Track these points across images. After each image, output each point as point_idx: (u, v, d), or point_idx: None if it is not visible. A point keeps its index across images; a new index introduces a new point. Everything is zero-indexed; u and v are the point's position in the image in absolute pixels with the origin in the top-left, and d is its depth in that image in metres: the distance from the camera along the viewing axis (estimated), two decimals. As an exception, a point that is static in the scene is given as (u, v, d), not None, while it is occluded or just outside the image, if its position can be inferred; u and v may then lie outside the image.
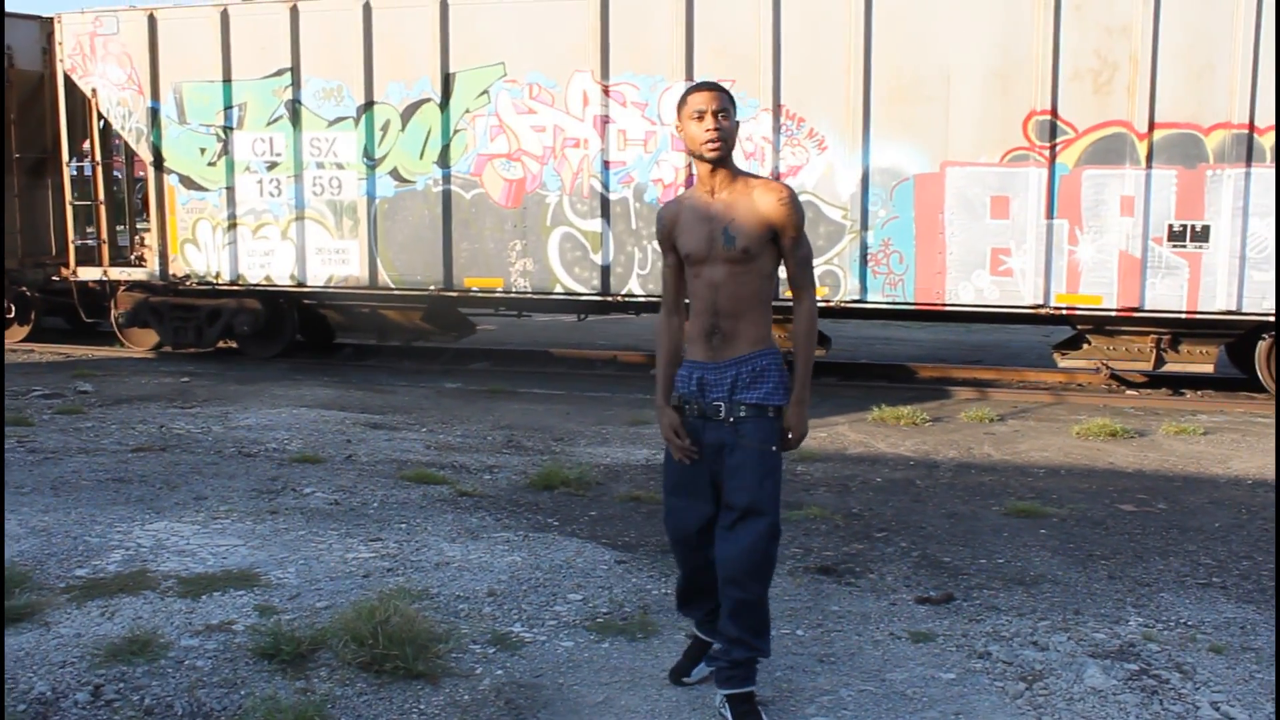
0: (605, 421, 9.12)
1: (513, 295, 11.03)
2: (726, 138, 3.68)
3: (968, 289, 10.24)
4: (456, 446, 8.08)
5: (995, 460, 8.09)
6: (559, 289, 10.82)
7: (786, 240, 3.74)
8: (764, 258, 3.73)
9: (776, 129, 10.27)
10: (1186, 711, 3.90)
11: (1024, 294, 10.20)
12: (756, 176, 3.82)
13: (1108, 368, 10.96)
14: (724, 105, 3.68)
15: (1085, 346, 10.79)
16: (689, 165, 10.37)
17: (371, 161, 11.03)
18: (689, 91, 3.77)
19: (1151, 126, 9.80)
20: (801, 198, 10.18)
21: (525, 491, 6.77)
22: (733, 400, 3.74)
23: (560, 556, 5.44)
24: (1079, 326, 10.75)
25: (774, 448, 3.77)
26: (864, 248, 10.35)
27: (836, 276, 10.43)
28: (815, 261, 10.36)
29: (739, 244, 3.68)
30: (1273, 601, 5.09)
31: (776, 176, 10.32)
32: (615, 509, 6.43)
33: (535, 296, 10.99)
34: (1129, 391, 11.03)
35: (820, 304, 10.50)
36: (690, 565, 3.97)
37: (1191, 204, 9.82)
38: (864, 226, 10.31)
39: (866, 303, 10.49)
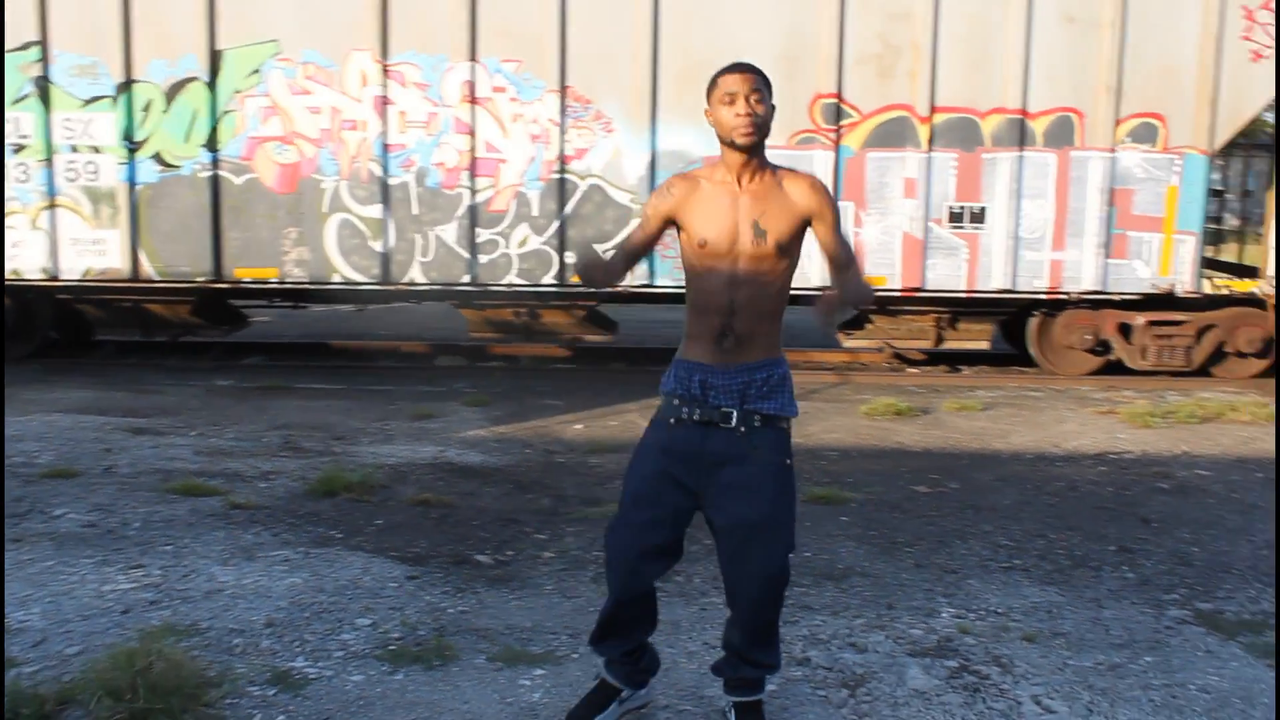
0: (388, 417, 8.67)
1: (288, 285, 10.40)
2: (761, 123, 3.33)
3: (756, 272, 10.17)
4: (229, 451, 7.50)
5: (789, 445, 8.01)
6: (337, 278, 10.26)
7: (826, 227, 3.43)
8: (791, 257, 3.43)
9: (563, 111, 9.97)
10: (1010, 709, 3.82)
11: (810, 275, 10.18)
12: (784, 168, 3.49)
13: (891, 347, 11.13)
14: (758, 88, 3.34)
15: (869, 326, 10.91)
16: (472, 149, 9.98)
17: (132, 145, 10.19)
18: (720, 74, 3.41)
19: (932, 110, 9.95)
20: (589, 182, 10.16)
21: (305, 500, 6.28)
22: (745, 409, 3.41)
23: (346, 575, 5.02)
24: (861, 307, 10.86)
25: (788, 461, 3.48)
26: (652, 231, 10.15)
27: (625, 261, 10.20)
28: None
29: (770, 239, 3.37)
30: (1074, 582, 5.12)
31: (563, 160, 10.05)
32: (403, 515, 6.03)
33: (312, 286, 10.39)
34: (911, 370, 11.23)
35: (608, 289, 10.46)
36: (626, 592, 3.52)
37: (970, 186, 10.02)
38: (653, 210, 10.11)
39: (656, 287, 10.33)
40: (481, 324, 10.94)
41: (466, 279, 10.24)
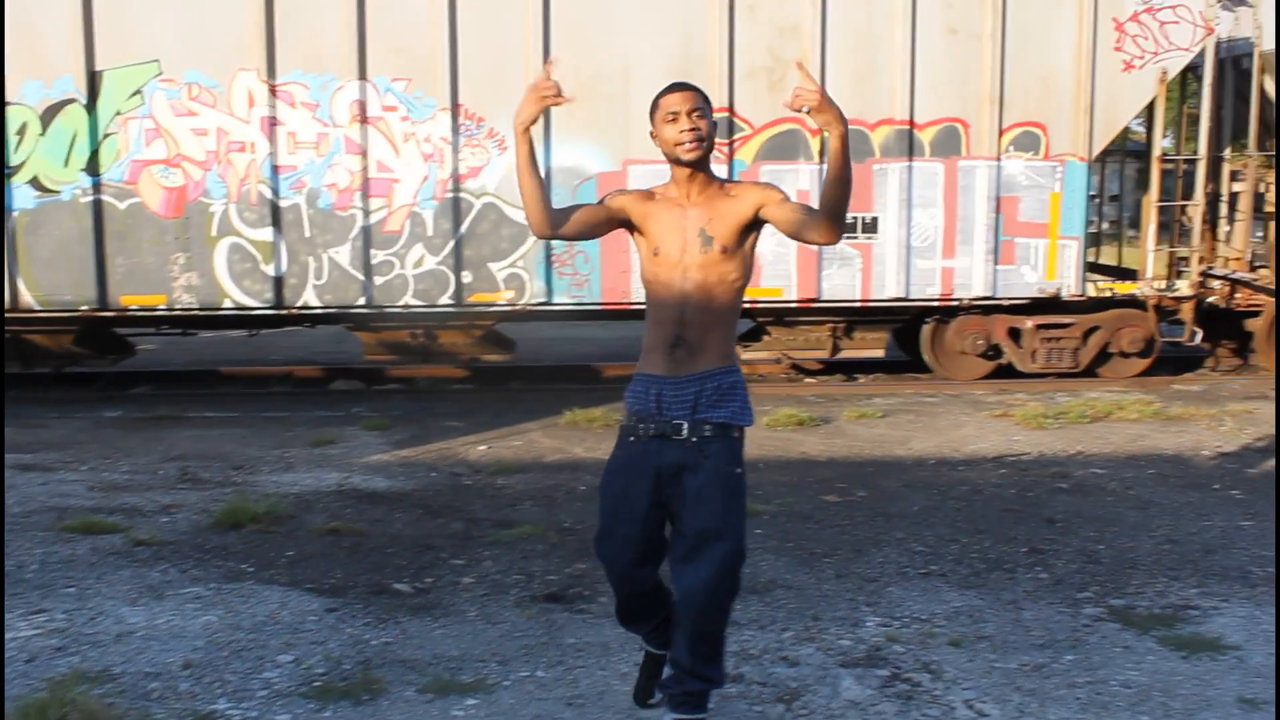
0: (287, 444, 8.48)
1: (177, 312, 10.11)
2: (705, 138, 3.44)
3: (654, 286, 10.19)
4: (124, 485, 7.25)
5: (695, 458, 8.03)
6: (228, 303, 10.01)
7: (777, 203, 3.47)
8: (738, 259, 3.52)
9: (455, 129, 9.87)
10: (943, 714, 3.87)
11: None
12: (731, 180, 3.62)
13: (788, 357, 11.23)
14: (699, 105, 3.46)
15: (766, 338, 11.01)
16: (364, 169, 9.83)
17: (7, 170, 9.81)
18: (661, 94, 3.51)
19: (822, 123, 10.06)
20: (484, 200, 10.07)
21: (210, 533, 6.10)
22: (695, 419, 3.48)
23: (262, 610, 4.88)
24: (759, 319, 10.96)
25: (739, 470, 3.53)
26: (549, 249, 10.12)
27: (522, 279, 10.16)
28: (499, 265, 10.11)
29: (716, 245, 3.48)
30: (991, 585, 5.21)
31: (457, 179, 9.95)
32: (315, 545, 5.90)
33: (202, 313, 10.12)
34: (808, 380, 11.34)
35: (505, 308, 10.40)
36: (627, 591, 3.68)
37: (862, 197, 10.17)
38: (548, 227, 10.06)
39: (553, 304, 10.29)
40: (378, 346, 10.77)
41: (362, 301, 10.08)
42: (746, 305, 10.34)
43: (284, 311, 10.13)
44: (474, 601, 5.03)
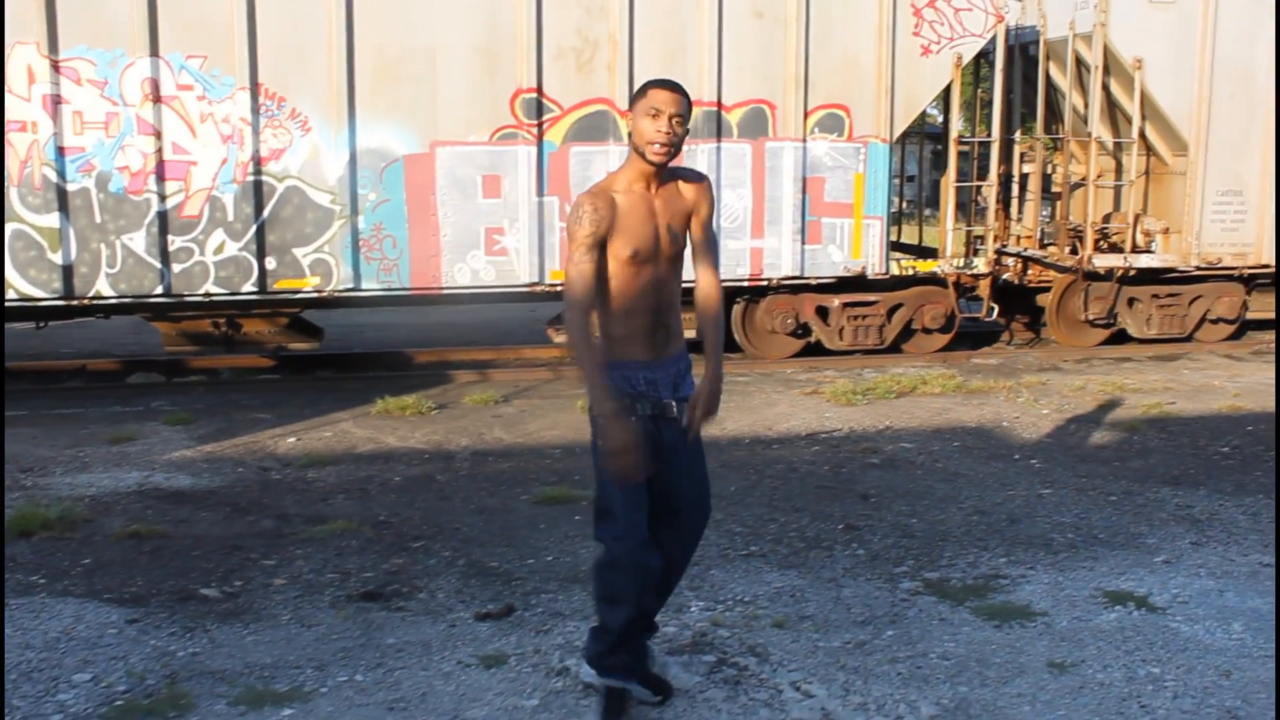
0: (81, 443, 8.02)
1: (-48, 305, 9.46)
2: (676, 143, 3.56)
3: (464, 271, 10.06)
4: (-103, 494, 6.74)
5: (509, 444, 7.95)
6: (12, 294, 9.39)
7: (703, 218, 3.77)
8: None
9: (255, 109, 9.45)
10: (771, 697, 3.89)
11: (520, 273, 10.18)
12: (680, 169, 3.76)
13: (601, 339, 11.20)
14: (682, 111, 3.57)
15: (582, 321, 10.95)
16: (159, 151, 9.34)
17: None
18: (652, 85, 3.60)
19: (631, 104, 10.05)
20: (286, 183, 9.72)
21: (-3, 542, 5.72)
22: (678, 397, 3.73)
23: (56, 626, 4.57)
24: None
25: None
26: (355, 233, 9.84)
27: (328, 265, 9.85)
28: (304, 251, 9.78)
29: (681, 238, 3.73)
30: (810, 564, 5.28)
31: (258, 161, 9.56)
32: (113, 551, 5.58)
33: (-20, 305, 9.49)
34: (623, 361, 11.35)
35: (311, 294, 10.07)
36: (643, 592, 3.72)
37: (673, 178, 10.17)
38: (354, 211, 9.80)
39: (361, 291, 10.01)
40: (178, 337, 10.30)
41: (159, 290, 9.59)
42: (558, 288, 10.32)
43: (74, 302, 9.57)
44: (287, 604, 4.83)
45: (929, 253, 12.26)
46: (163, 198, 9.45)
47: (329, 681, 4.02)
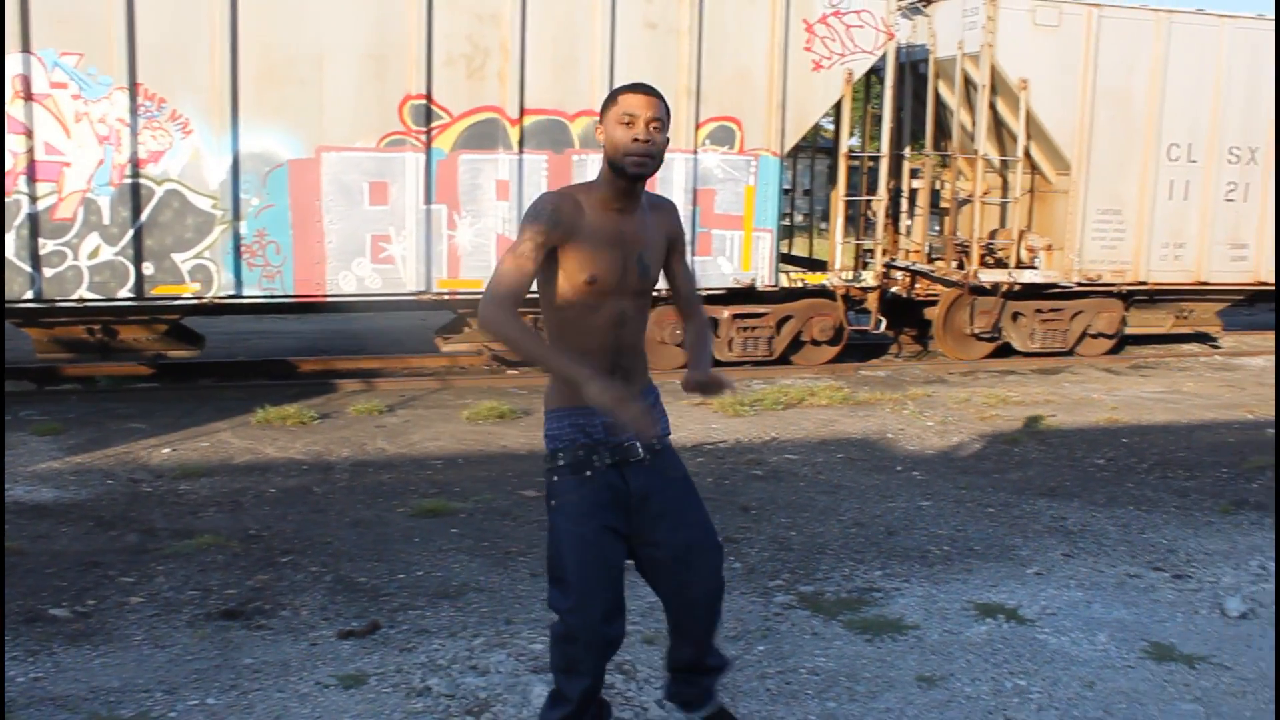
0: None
1: None
2: (657, 154, 3.12)
3: (349, 278, 9.88)
4: None
5: (391, 455, 7.80)
6: None
7: (679, 255, 3.44)
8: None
9: (134, 110, 9.17)
10: (636, 716, 3.83)
11: (406, 281, 10.03)
12: (647, 193, 3.29)
13: (489, 349, 11.09)
14: (660, 116, 3.12)
15: (466, 330, 10.84)
16: (30, 151, 9.00)
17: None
18: (622, 90, 3.16)
19: (522, 112, 9.99)
20: (166, 186, 9.45)
21: None
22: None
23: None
24: (460, 310, 10.77)
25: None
26: (237, 238, 9.60)
27: (209, 271, 9.59)
28: (184, 256, 9.52)
29: (652, 273, 3.29)
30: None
31: (136, 163, 9.28)
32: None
33: None
34: (510, 371, 11.23)
35: (191, 301, 9.80)
36: (601, 669, 3.32)
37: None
38: (236, 216, 9.56)
39: (243, 297, 9.77)
40: (50, 344, 9.94)
41: (30, 295, 9.25)
42: (446, 297, 10.20)
43: (-64, 308, 9.20)
44: (141, 624, 4.64)
45: (819, 265, 12.34)
46: (34, 199, 9.12)
47: (178, 706, 3.86)
